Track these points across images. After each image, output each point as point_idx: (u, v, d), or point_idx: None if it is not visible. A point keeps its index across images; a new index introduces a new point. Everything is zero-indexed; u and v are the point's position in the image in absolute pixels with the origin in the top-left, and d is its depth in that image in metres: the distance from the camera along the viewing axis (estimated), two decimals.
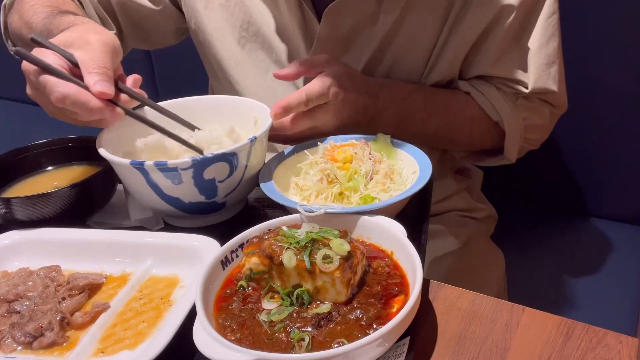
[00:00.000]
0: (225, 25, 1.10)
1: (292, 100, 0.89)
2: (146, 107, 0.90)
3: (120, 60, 0.86)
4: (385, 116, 1.00)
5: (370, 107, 0.98)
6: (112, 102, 0.79)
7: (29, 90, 0.81)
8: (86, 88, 0.76)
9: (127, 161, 0.78)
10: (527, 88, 1.05)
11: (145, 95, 0.86)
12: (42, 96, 0.79)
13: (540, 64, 1.03)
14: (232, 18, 1.10)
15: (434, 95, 1.07)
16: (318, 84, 0.91)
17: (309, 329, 0.62)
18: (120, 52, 0.86)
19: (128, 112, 0.81)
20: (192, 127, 0.90)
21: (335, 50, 1.04)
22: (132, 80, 0.86)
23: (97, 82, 0.76)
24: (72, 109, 0.77)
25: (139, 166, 0.78)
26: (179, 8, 1.18)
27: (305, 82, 0.99)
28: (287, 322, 0.63)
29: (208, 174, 0.79)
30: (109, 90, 0.77)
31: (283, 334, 0.61)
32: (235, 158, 0.80)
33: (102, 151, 0.83)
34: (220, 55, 1.13)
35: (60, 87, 0.75)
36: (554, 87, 1.05)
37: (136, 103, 0.85)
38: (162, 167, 0.77)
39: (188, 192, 0.80)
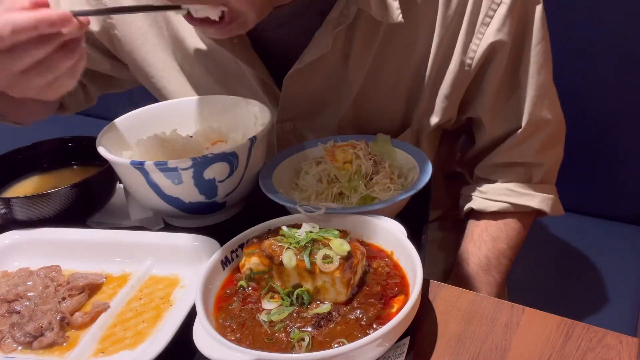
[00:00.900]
0: (185, 89, 1.04)
1: None
2: None
3: None
4: None
5: None
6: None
7: None
8: None
9: (127, 161, 0.78)
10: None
11: None
12: None
13: (532, 96, 0.97)
14: (192, 79, 1.04)
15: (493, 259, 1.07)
16: None
17: (309, 329, 0.62)
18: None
19: (94, 12, 0.73)
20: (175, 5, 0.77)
21: (304, 109, 0.99)
22: None
23: None
24: (26, 37, 0.62)
25: (139, 166, 0.78)
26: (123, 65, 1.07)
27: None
28: (287, 322, 0.63)
29: (208, 174, 0.79)
30: None
31: (283, 334, 0.61)
32: (235, 158, 0.80)
33: (102, 151, 0.83)
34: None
35: (3, 17, 0.61)
36: (549, 115, 1.00)
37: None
38: (162, 167, 0.77)
39: (188, 192, 0.80)
